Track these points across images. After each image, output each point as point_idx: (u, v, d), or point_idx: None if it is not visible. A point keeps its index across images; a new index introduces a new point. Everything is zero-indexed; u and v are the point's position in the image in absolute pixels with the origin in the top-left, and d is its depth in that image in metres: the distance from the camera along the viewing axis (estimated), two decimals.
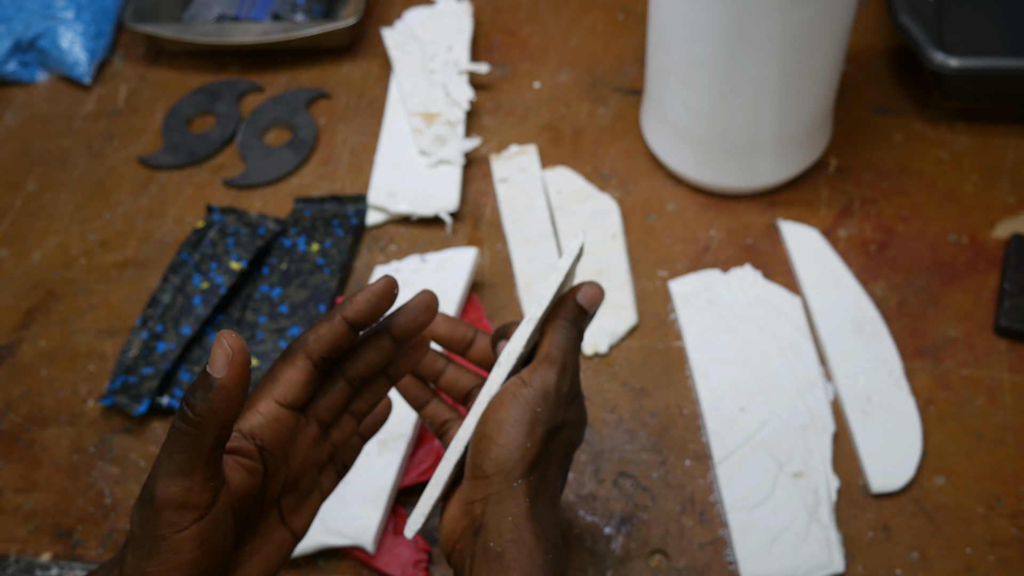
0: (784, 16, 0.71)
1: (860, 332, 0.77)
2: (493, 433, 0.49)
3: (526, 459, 0.49)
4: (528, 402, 0.50)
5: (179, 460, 0.43)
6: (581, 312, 0.54)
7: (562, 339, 0.53)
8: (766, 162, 0.83)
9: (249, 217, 0.87)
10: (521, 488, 0.49)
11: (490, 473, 0.49)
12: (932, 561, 0.67)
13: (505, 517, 0.48)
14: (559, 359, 0.52)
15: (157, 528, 0.43)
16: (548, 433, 0.51)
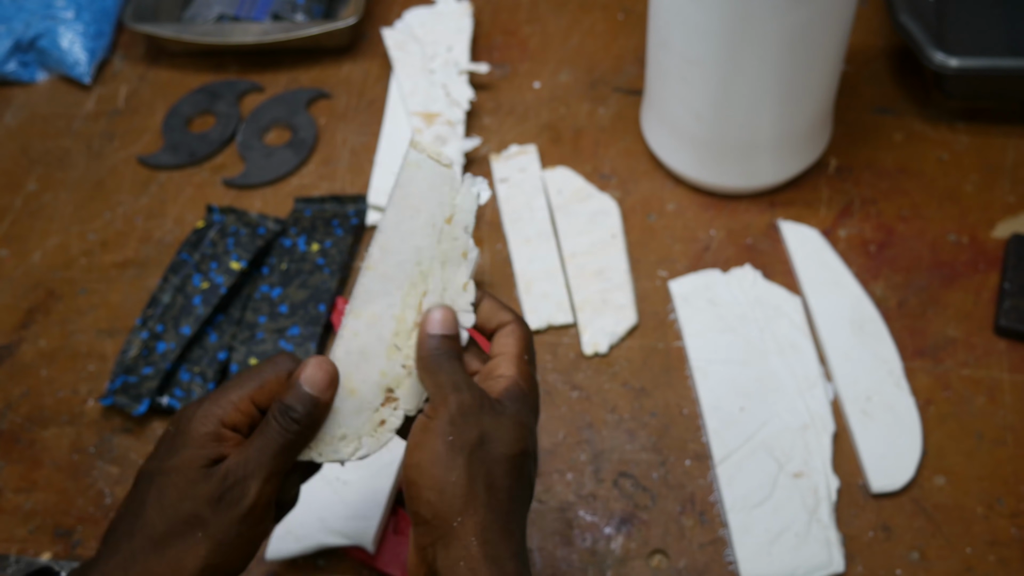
0: (784, 16, 0.71)
1: (860, 332, 0.77)
2: (416, 478, 0.48)
3: (458, 494, 0.47)
4: (439, 434, 0.48)
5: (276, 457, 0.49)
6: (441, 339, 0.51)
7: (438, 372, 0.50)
8: (766, 162, 0.83)
9: (249, 217, 0.87)
10: (464, 526, 0.47)
11: (429, 519, 0.47)
12: (932, 561, 0.67)
13: (456, 563, 0.46)
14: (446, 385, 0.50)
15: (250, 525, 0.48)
16: (470, 456, 0.48)
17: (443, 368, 0.51)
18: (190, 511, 0.48)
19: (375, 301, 0.52)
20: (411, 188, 0.52)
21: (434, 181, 0.52)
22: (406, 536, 0.70)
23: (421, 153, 0.52)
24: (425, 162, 0.52)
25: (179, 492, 0.48)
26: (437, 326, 0.52)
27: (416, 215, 0.52)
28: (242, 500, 0.48)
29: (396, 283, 0.52)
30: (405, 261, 0.52)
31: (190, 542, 0.47)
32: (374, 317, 0.52)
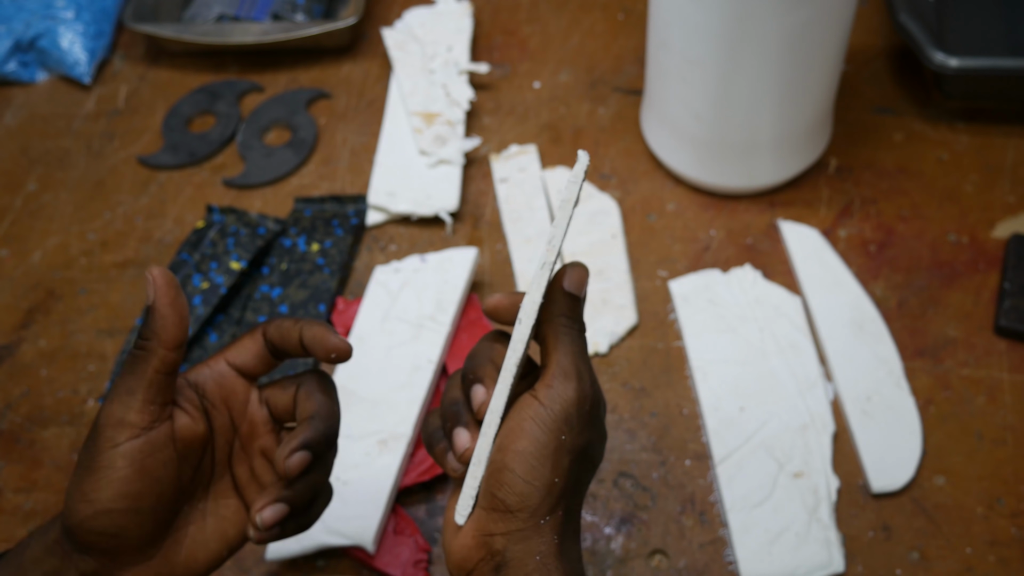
0: (784, 16, 0.71)
1: (860, 332, 0.77)
2: (515, 465, 0.45)
3: (554, 494, 0.45)
4: (551, 429, 0.45)
5: (126, 381, 0.47)
6: (574, 301, 0.48)
7: (568, 342, 0.47)
8: (766, 162, 0.83)
9: (249, 217, 0.87)
10: (550, 524, 0.45)
11: (514, 508, 0.45)
12: (932, 561, 0.67)
13: (532, 556, 0.45)
14: (573, 370, 0.46)
15: (96, 443, 0.46)
16: (574, 462, 0.46)
17: (575, 342, 0.47)
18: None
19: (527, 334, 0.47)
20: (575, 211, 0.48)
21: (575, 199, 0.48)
22: (406, 536, 0.70)
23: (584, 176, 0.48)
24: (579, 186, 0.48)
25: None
26: (575, 284, 0.48)
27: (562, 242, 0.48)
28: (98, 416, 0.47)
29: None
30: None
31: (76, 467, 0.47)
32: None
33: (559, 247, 0.45)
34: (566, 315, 0.48)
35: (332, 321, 0.81)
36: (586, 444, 0.47)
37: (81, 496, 0.46)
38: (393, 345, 0.77)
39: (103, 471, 0.46)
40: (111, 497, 0.46)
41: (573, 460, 0.46)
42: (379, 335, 0.78)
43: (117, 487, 0.46)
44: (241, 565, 0.70)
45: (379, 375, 0.76)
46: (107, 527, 0.46)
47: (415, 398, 0.74)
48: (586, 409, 0.46)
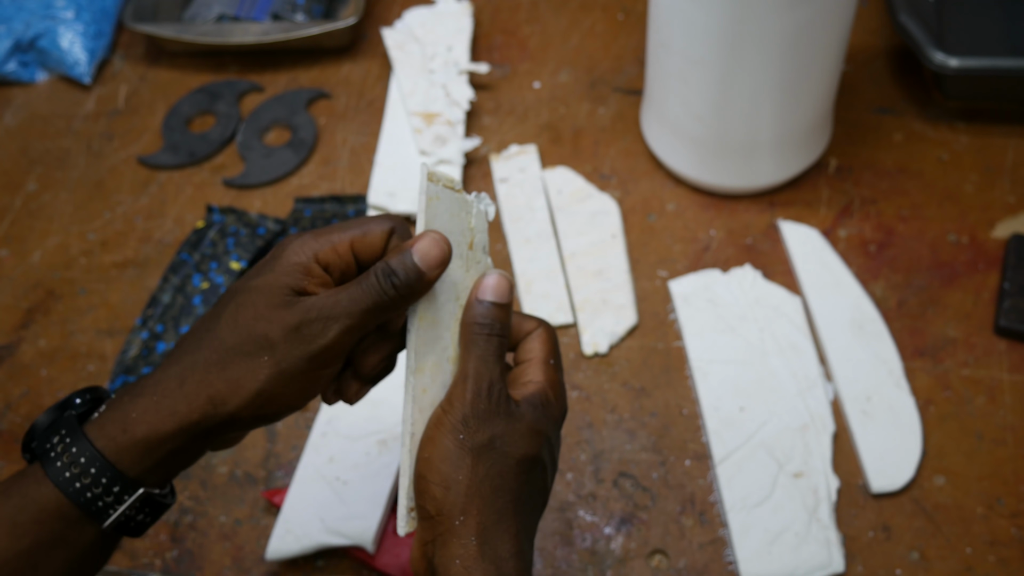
0: (784, 16, 0.71)
1: (860, 332, 0.77)
2: (425, 471, 0.48)
3: (461, 493, 0.47)
4: (449, 431, 0.48)
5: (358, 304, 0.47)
6: (491, 307, 0.50)
7: (472, 347, 0.49)
8: (766, 162, 0.83)
9: (249, 217, 0.87)
10: (465, 525, 0.47)
11: (433, 514, 0.47)
12: (932, 561, 0.67)
13: (453, 560, 0.46)
14: (471, 373, 0.48)
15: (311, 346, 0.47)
16: (478, 456, 0.47)
17: (478, 345, 0.49)
18: (262, 332, 0.47)
19: (431, 351, 0.50)
20: (436, 224, 0.49)
21: (453, 209, 0.50)
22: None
23: (437, 184, 0.49)
24: (443, 192, 0.50)
25: (255, 312, 0.47)
26: (489, 292, 0.50)
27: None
28: (318, 338, 0.47)
29: (444, 325, 0.50)
30: (446, 301, 0.50)
31: (254, 363, 0.47)
32: (435, 367, 0.50)
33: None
34: (478, 321, 0.50)
35: None
36: (489, 439, 0.48)
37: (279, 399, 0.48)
38: None
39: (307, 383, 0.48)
40: (301, 404, 0.49)
41: (476, 457, 0.47)
42: None
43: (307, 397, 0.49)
44: (241, 565, 0.70)
45: None
46: (275, 418, 0.49)
47: None
48: (482, 406, 0.48)
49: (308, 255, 0.49)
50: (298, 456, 0.74)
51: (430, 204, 0.49)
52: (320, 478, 0.71)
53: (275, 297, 0.48)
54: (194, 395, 0.47)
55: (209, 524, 0.72)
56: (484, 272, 0.51)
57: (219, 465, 0.75)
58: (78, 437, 0.47)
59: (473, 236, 0.51)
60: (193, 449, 0.49)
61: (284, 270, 0.48)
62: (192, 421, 0.47)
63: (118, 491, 0.47)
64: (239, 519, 0.72)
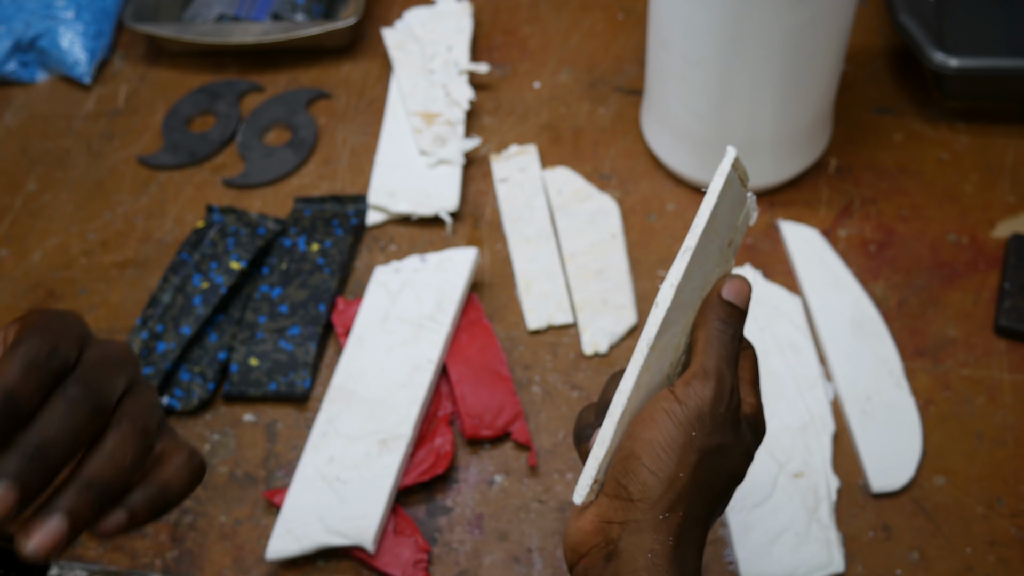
0: (784, 16, 0.71)
1: (860, 332, 0.77)
2: (642, 453, 0.45)
3: (675, 490, 0.45)
4: (682, 423, 0.45)
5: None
6: (732, 309, 0.48)
7: (717, 346, 0.47)
8: (766, 162, 0.83)
9: (249, 217, 0.87)
10: (667, 523, 0.45)
11: (635, 498, 0.45)
12: (932, 561, 0.67)
13: (644, 552, 0.44)
14: (714, 372, 0.46)
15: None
16: (701, 461, 0.46)
17: (724, 345, 0.47)
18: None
19: (668, 330, 0.47)
20: (720, 210, 0.47)
21: (734, 202, 0.48)
22: (406, 536, 0.70)
23: (735, 172, 0.47)
24: (735, 181, 0.47)
25: None
26: (733, 294, 0.48)
27: (715, 239, 0.48)
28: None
29: (684, 310, 0.48)
30: (696, 287, 0.48)
31: None
32: (663, 349, 0.47)
33: (699, 233, 0.46)
34: (721, 319, 0.48)
35: (332, 321, 0.81)
36: (717, 446, 0.46)
37: None
38: (393, 345, 0.77)
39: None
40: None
41: (701, 459, 0.46)
42: (379, 335, 0.78)
43: None
44: (241, 565, 0.70)
45: (379, 375, 0.76)
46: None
47: (415, 398, 0.74)
48: (720, 411, 0.46)
49: None
50: (298, 456, 0.74)
51: (724, 189, 0.47)
52: (320, 478, 0.71)
53: None
54: None
55: (209, 524, 0.72)
56: (727, 272, 0.50)
57: (219, 465, 0.75)
58: None
59: (735, 235, 0.50)
60: None
61: None
62: None
63: None
64: (239, 519, 0.72)
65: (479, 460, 0.74)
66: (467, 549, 0.70)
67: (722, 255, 0.49)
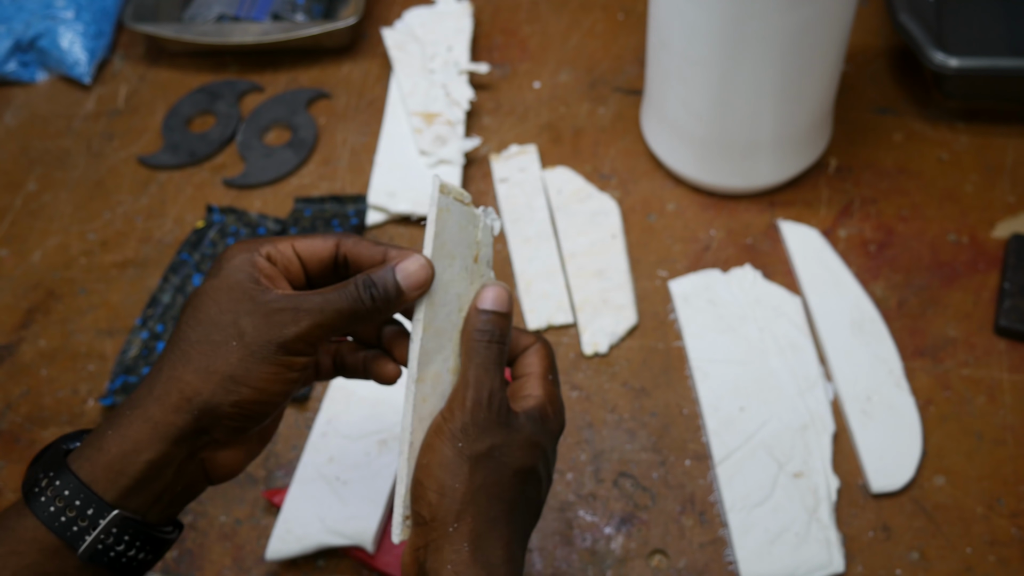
0: (784, 16, 0.71)
1: (860, 332, 0.77)
2: (423, 477, 0.48)
3: (456, 500, 0.47)
4: (448, 439, 0.48)
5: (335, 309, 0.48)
6: (491, 316, 0.50)
7: (473, 355, 0.49)
8: (766, 162, 0.83)
9: (249, 217, 0.87)
10: (459, 532, 0.47)
11: (428, 519, 0.47)
12: (932, 561, 0.67)
13: (445, 565, 0.47)
14: (472, 381, 0.49)
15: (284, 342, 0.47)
16: (475, 467, 0.48)
17: (479, 353, 0.49)
18: (229, 321, 0.47)
19: (433, 360, 0.50)
20: (445, 236, 0.49)
21: (462, 222, 0.50)
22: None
23: (448, 196, 0.49)
24: (453, 205, 0.50)
25: (218, 307, 0.47)
26: (489, 301, 0.50)
27: (453, 262, 0.50)
28: (289, 326, 0.47)
29: (447, 336, 0.50)
30: (451, 311, 0.50)
31: (223, 349, 0.46)
32: (436, 376, 0.50)
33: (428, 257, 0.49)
34: (478, 329, 0.50)
35: None
36: (487, 449, 0.48)
37: (250, 382, 0.47)
38: None
39: (283, 369, 0.47)
40: (278, 392, 0.48)
41: (473, 465, 0.48)
42: None
43: (282, 386, 0.48)
44: (241, 565, 0.70)
45: None
46: (258, 413, 0.48)
47: None
48: (481, 416, 0.48)
49: (252, 253, 0.49)
50: (298, 456, 0.74)
51: (440, 216, 0.49)
52: (320, 478, 0.71)
53: (235, 292, 0.47)
54: (164, 395, 0.46)
55: (209, 524, 0.72)
56: (485, 283, 0.52)
57: None
58: (61, 468, 0.45)
59: (479, 249, 0.52)
60: (177, 463, 0.47)
61: (235, 268, 0.48)
62: (167, 423, 0.46)
63: (92, 514, 0.45)
64: (239, 519, 0.72)
65: None
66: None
67: (472, 272, 0.51)
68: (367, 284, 0.48)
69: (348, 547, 0.69)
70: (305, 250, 0.50)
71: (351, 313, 0.48)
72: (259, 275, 0.48)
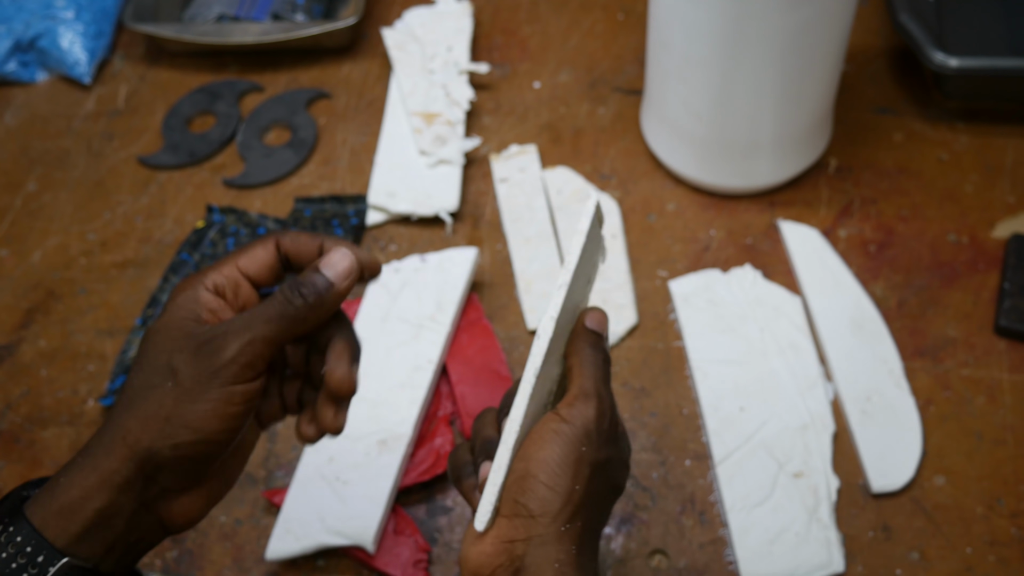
0: (784, 16, 0.71)
1: (860, 332, 0.77)
2: (538, 472, 0.47)
3: (573, 502, 0.47)
4: (572, 441, 0.48)
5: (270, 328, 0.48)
6: (596, 336, 0.52)
7: (591, 368, 0.51)
8: (766, 162, 0.83)
9: (249, 217, 0.87)
10: (568, 533, 0.47)
11: (536, 514, 0.47)
12: (932, 561, 0.67)
13: (550, 563, 0.46)
14: (594, 393, 0.50)
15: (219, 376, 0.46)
16: (593, 474, 0.48)
17: (599, 368, 0.51)
18: (164, 362, 0.47)
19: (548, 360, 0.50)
20: (587, 249, 0.50)
21: (595, 242, 0.52)
22: (406, 536, 0.70)
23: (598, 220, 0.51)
24: (596, 224, 0.51)
25: (156, 347, 0.48)
26: (596, 323, 0.52)
27: (581, 275, 0.51)
28: (217, 354, 0.46)
29: (560, 342, 0.51)
30: (566, 320, 0.51)
31: (159, 392, 0.46)
32: (545, 377, 0.50)
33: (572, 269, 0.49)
34: (591, 345, 0.51)
35: None
36: (605, 460, 0.49)
37: (186, 422, 0.46)
38: (393, 345, 0.77)
39: (219, 404, 0.47)
40: (217, 430, 0.47)
41: (592, 472, 0.48)
42: (379, 335, 0.78)
43: (225, 422, 0.47)
44: (241, 565, 0.70)
45: (379, 375, 0.76)
46: (199, 455, 0.47)
47: (415, 398, 0.74)
48: (604, 427, 0.49)
49: (196, 287, 0.49)
50: (298, 456, 0.74)
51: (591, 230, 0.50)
52: (320, 478, 0.71)
53: (172, 331, 0.48)
54: (111, 443, 0.46)
55: (209, 524, 0.72)
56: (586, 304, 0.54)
57: None
58: (17, 515, 0.45)
59: (593, 271, 0.54)
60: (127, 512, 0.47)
61: (177, 307, 0.49)
62: (112, 471, 0.46)
63: (42, 561, 0.44)
64: (239, 519, 0.72)
65: None
66: None
67: (584, 291, 0.53)
68: (293, 287, 0.49)
69: (348, 547, 0.69)
70: (249, 265, 0.51)
71: (282, 319, 0.48)
72: (201, 310, 0.49)
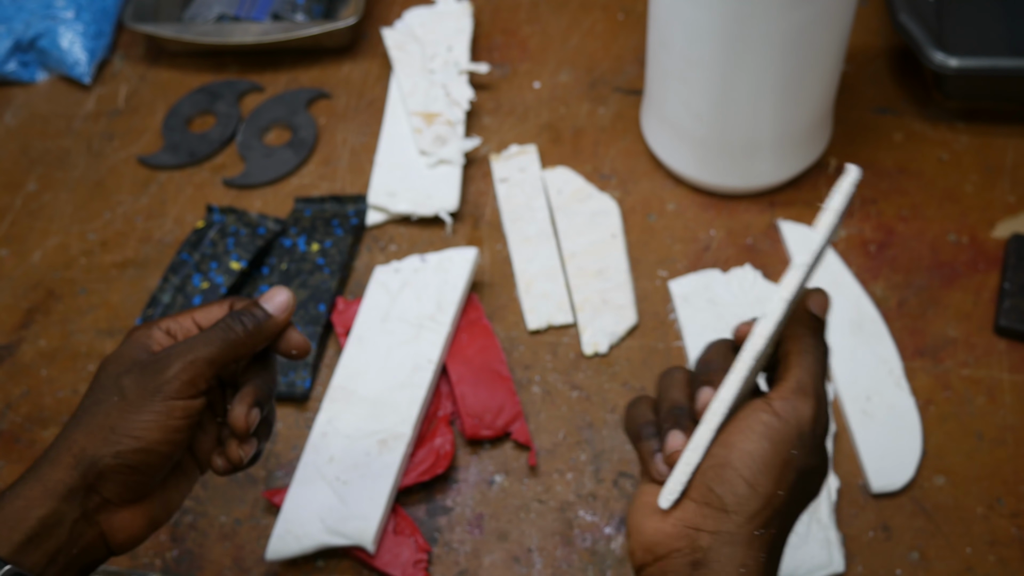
0: (784, 16, 0.71)
1: (860, 332, 0.77)
2: (740, 464, 0.44)
3: (773, 507, 0.44)
4: (783, 441, 0.45)
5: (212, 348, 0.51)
6: (818, 323, 0.48)
7: (812, 361, 0.46)
8: (766, 162, 0.83)
9: (249, 217, 0.87)
10: (761, 539, 0.44)
11: (730, 508, 0.44)
12: (932, 561, 0.67)
13: (736, 565, 0.44)
14: (812, 389, 0.46)
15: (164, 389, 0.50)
16: (798, 481, 0.45)
17: (817, 361, 0.47)
18: (112, 382, 0.51)
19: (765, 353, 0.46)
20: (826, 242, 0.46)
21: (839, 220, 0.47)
22: (406, 536, 0.70)
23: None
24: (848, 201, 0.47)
25: (106, 372, 0.52)
26: (819, 307, 0.48)
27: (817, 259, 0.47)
28: (162, 371, 0.50)
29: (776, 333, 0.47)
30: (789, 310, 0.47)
31: (105, 406, 0.50)
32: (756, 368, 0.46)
33: (817, 251, 0.45)
34: (813, 334, 0.47)
35: (332, 321, 0.81)
36: (812, 468, 0.46)
37: (129, 431, 0.50)
38: (393, 345, 0.77)
39: (161, 415, 0.50)
40: (158, 440, 0.50)
41: (797, 479, 0.45)
42: (379, 335, 0.78)
43: (166, 434, 0.50)
44: (241, 565, 0.70)
45: (379, 375, 0.76)
46: (140, 464, 0.50)
47: (415, 398, 0.74)
48: (818, 432, 0.46)
49: (151, 327, 0.54)
50: (298, 456, 0.74)
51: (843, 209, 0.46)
52: (320, 478, 0.71)
53: (123, 359, 0.52)
54: (56, 456, 0.50)
55: (209, 524, 0.72)
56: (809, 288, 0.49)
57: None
58: None
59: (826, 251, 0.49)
60: (69, 521, 0.49)
61: (131, 341, 0.53)
62: (55, 480, 0.49)
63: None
64: (239, 519, 0.72)
65: (479, 460, 0.74)
66: (467, 549, 0.70)
67: (813, 271, 0.48)
68: (235, 315, 0.53)
69: (348, 547, 0.69)
70: (203, 319, 0.54)
71: (223, 342, 0.52)
72: (152, 344, 0.53)
